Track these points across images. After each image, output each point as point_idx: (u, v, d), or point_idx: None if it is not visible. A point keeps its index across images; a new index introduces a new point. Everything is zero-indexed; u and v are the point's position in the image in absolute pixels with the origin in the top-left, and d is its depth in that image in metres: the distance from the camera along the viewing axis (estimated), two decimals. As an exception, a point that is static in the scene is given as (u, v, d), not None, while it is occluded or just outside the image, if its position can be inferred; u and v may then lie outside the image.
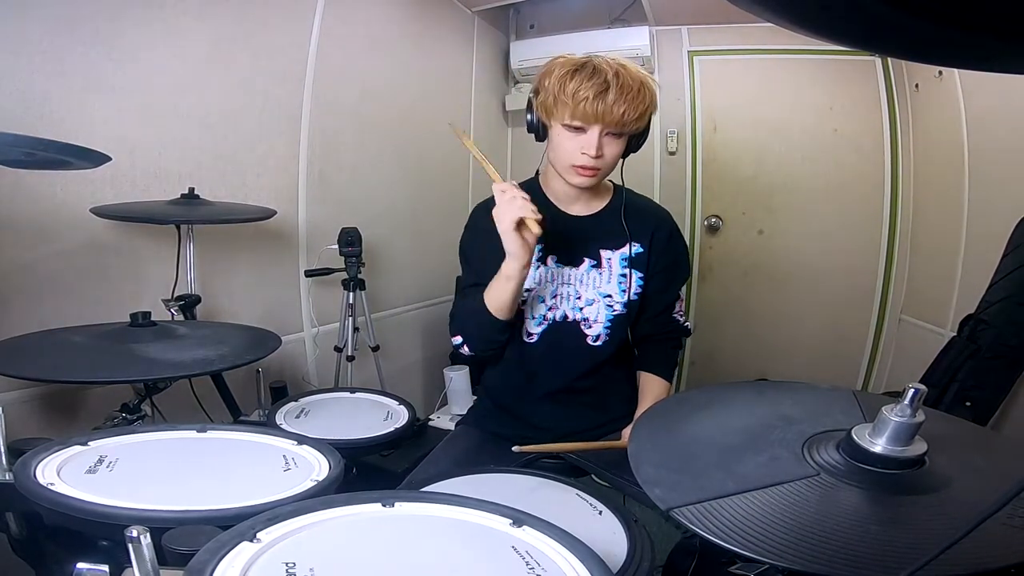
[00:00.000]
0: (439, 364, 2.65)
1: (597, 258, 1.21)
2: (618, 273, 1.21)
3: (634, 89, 1.08)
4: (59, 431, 1.35)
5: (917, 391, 0.61)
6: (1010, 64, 0.46)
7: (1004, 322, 1.69)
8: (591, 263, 1.21)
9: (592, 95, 1.06)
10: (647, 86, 1.10)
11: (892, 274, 2.74)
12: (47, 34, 1.33)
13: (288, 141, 1.98)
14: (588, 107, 1.07)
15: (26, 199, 1.33)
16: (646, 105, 1.10)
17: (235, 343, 1.13)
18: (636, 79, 1.09)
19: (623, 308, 1.20)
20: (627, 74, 1.08)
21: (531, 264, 1.09)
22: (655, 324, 1.26)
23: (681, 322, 1.29)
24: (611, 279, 1.21)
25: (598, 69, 1.08)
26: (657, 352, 1.27)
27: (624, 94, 1.07)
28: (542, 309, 1.21)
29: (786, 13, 0.40)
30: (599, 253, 1.21)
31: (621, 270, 1.21)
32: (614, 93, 1.06)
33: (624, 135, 1.13)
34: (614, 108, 1.07)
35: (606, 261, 1.21)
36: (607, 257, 1.21)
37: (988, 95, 2.02)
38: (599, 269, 1.21)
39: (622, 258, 1.21)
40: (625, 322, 1.22)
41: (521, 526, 0.67)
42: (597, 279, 1.21)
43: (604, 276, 1.21)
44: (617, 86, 1.07)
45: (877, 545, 0.54)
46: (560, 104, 1.09)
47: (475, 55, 2.90)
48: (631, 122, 1.09)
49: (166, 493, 0.71)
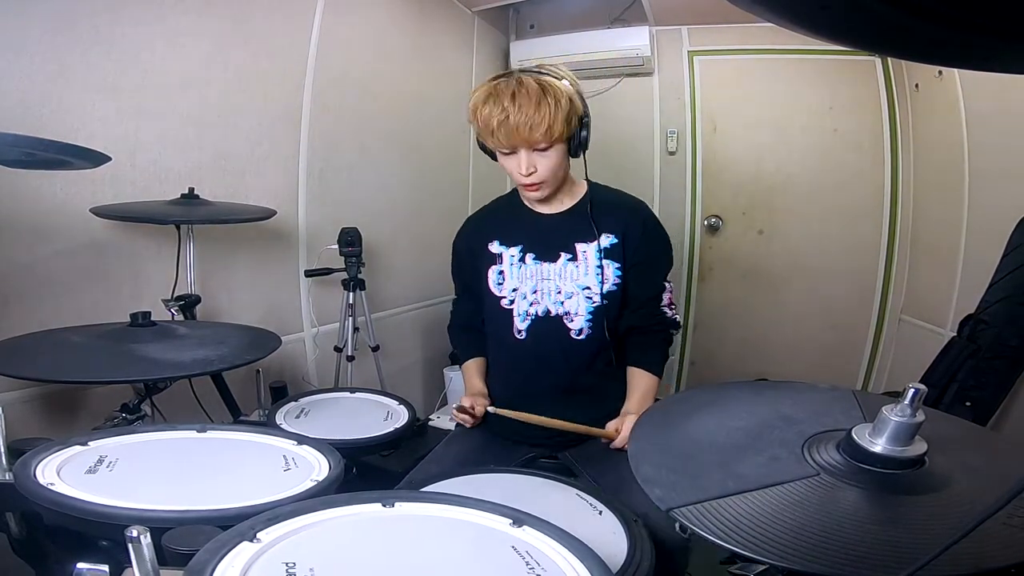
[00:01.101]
0: (439, 364, 2.65)
1: (573, 252, 1.24)
2: (595, 265, 1.22)
3: (532, 104, 1.10)
4: (59, 431, 1.35)
5: (917, 391, 0.61)
6: (1011, 64, 0.46)
7: (1004, 322, 1.69)
8: (567, 257, 1.24)
9: (496, 124, 1.12)
10: (549, 93, 1.11)
11: (892, 274, 2.74)
12: (47, 34, 1.33)
13: (288, 141, 1.98)
14: (499, 134, 1.13)
15: (26, 199, 1.33)
16: (551, 113, 1.11)
17: (235, 343, 1.13)
18: (533, 93, 1.10)
19: (602, 299, 1.22)
20: (522, 93, 1.10)
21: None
22: (640, 317, 1.26)
23: (669, 315, 1.28)
24: (588, 271, 1.23)
25: (498, 96, 1.12)
26: (644, 345, 1.27)
27: (523, 113, 1.10)
28: (524, 305, 1.25)
29: (786, 13, 0.40)
30: (575, 247, 1.24)
31: (597, 261, 1.22)
32: (514, 116, 1.10)
33: (553, 145, 1.15)
34: (519, 130, 1.11)
35: (582, 254, 1.23)
36: (583, 250, 1.23)
37: (988, 95, 2.02)
38: (575, 262, 1.23)
39: (597, 249, 1.23)
40: (604, 313, 1.22)
41: (521, 526, 0.67)
42: (575, 272, 1.23)
43: (581, 269, 1.23)
44: (515, 108, 1.10)
45: (877, 545, 0.54)
46: (484, 134, 1.17)
47: (475, 55, 2.90)
48: (543, 136, 1.12)
49: (166, 493, 0.71)
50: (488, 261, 1.28)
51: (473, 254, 1.32)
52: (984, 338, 1.73)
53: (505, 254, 1.27)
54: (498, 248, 1.28)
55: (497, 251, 1.28)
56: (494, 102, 1.12)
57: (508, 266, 1.27)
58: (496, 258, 1.28)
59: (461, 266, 1.38)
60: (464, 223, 1.39)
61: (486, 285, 1.28)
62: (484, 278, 1.29)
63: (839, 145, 2.77)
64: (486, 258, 1.29)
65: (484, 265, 1.29)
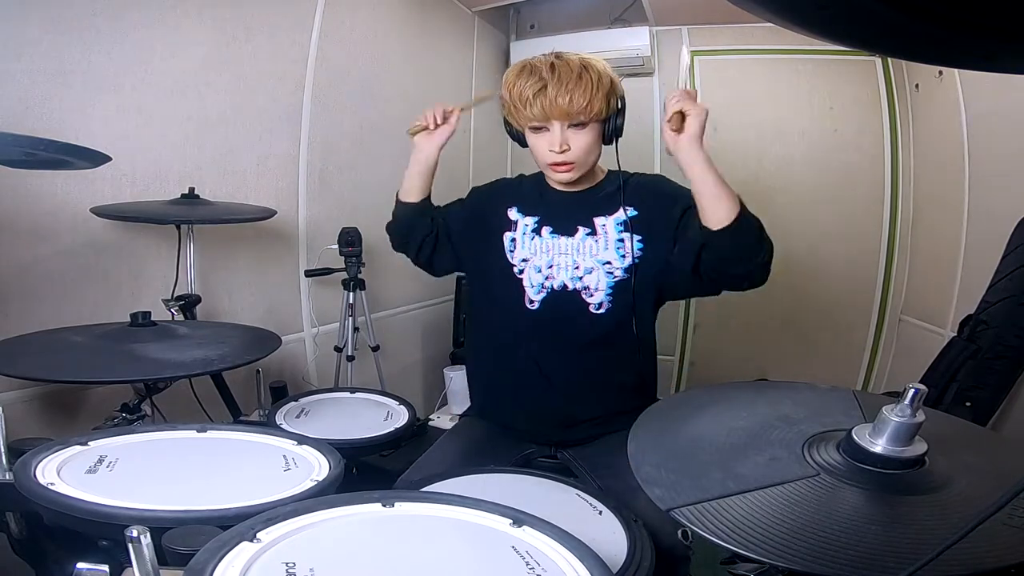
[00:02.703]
0: (439, 364, 2.65)
1: (591, 226, 1.21)
2: (615, 239, 1.19)
3: (573, 76, 1.08)
4: (59, 431, 1.35)
5: (917, 391, 0.61)
6: (1011, 64, 0.46)
7: (1004, 322, 1.69)
8: (586, 231, 1.20)
9: (532, 94, 1.10)
10: (591, 69, 1.10)
11: (892, 274, 2.74)
12: (47, 34, 1.33)
13: (288, 141, 1.98)
14: (533, 106, 1.11)
15: (26, 199, 1.33)
16: (593, 87, 1.09)
17: (235, 343, 1.13)
18: (575, 67, 1.09)
19: (624, 273, 1.18)
20: (562, 65, 1.09)
21: (429, 158, 1.26)
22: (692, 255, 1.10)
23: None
24: (608, 245, 1.19)
25: (535, 68, 1.11)
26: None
27: (563, 84, 1.08)
28: (539, 278, 1.21)
29: (786, 13, 0.40)
30: (593, 221, 1.21)
31: (618, 235, 1.19)
32: (553, 86, 1.08)
33: (589, 123, 1.13)
34: (558, 100, 1.09)
35: (601, 228, 1.20)
36: (602, 224, 1.20)
37: (988, 95, 2.02)
38: (595, 236, 1.20)
39: (617, 222, 1.19)
40: (628, 287, 1.18)
41: (521, 526, 0.67)
42: (594, 247, 1.20)
43: (601, 243, 1.20)
44: (554, 79, 1.08)
45: (877, 545, 0.54)
46: (516, 109, 1.15)
47: (475, 55, 2.90)
48: (582, 109, 1.10)
49: (166, 493, 0.71)
50: (504, 226, 1.25)
51: (492, 210, 1.28)
52: (984, 338, 1.73)
53: (520, 222, 1.25)
54: (516, 215, 1.25)
55: (515, 218, 1.25)
56: (531, 72, 1.11)
57: (521, 235, 1.24)
58: (512, 224, 1.25)
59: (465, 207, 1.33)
60: (493, 182, 1.38)
61: (499, 251, 1.25)
62: (498, 244, 1.25)
63: (839, 145, 2.77)
64: (503, 222, 1.26)
65: (499, 229, 1.25)
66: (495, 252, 1.25)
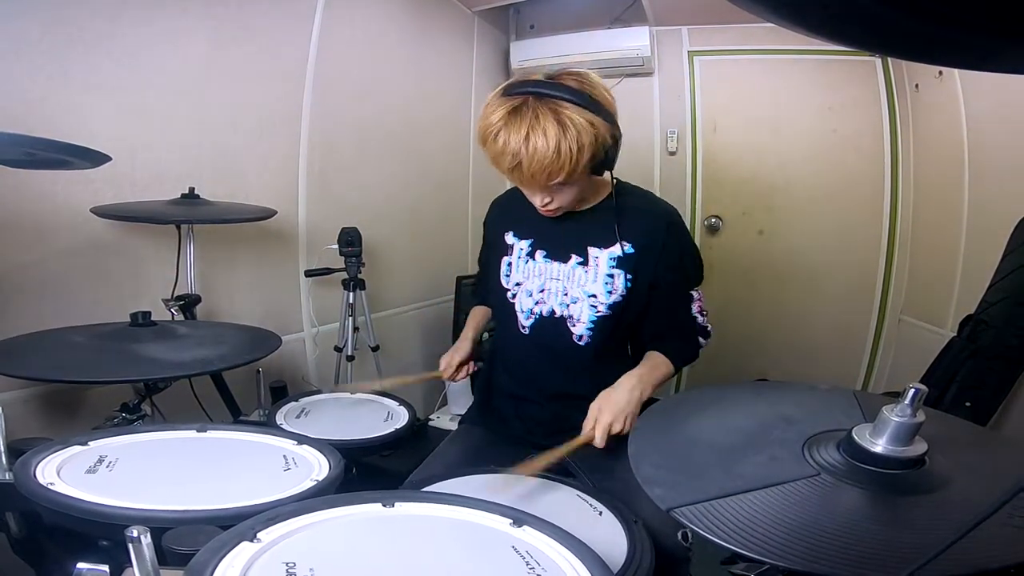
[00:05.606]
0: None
1: (584, 256, 1.19)
2: (604, 273, 1.17)
3: (550, 150, 0.98)
4: (59, 431, 1.35)
5: (917, 391, 0.61)
6: (1010, 64, 0.46)
7: (1004, 322, 1.69)
8: (578, 260, 1.19)
9: (507, 168, 1.03)
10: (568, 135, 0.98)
11: (892, 274, 2.74)
12: (47, 34, 1.33)
13: (288, 141, 1.98)
14: (511, 175, 1.05)
15: (26, 199, 1.33)
16: (573, 159, 1.00)
17: (235, 343, 1.13)
18: (552, 138, 0.97)
19: (607, 309, 1.17)
20: (539, 132, 0.98)
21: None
22: (663, 326, 1.22)
23: (700, 321, 1.24)
24: (597, 278, 1.17)
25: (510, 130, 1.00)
26: (668, 343, 1.22)
27: (537, 162, 0.99)
28: (530, 303, 1.22)
29: (785, 13, 0.40)
30: (587, 251, 1.19)
31: (608, 270, 1.17)
32: (527, 164, 1.00)
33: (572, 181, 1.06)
34: (535, 177, 1.02)
35: (593, 260, 1.18)
36: (595, 255, 1.18)
37: (988, 95, 2.02)
38: (585, 267, 1.18)
39: (611, 257, 1.17)
40: (610, 324, 1.18)
41: (521, 526, 0.67)
42: (583, 277, 1.18)
43: (590, 275, 1.18)
44: (528, 153, 0.99)
45: (877, 545, 0.54)
46: (493, 164, 1.08)
47: (475, 55, 2.90)
48: (562, 180, 1.03)
49: (166, 493, 0.71)
50: (501, 251, 1.27)
51: (494, 238, 1.31)
52: (984, 338, 1.73)
53: (516, 246, 1.25)
54: (512, 239, 1.26)
55: (511, 242, 1.26)
56: (504, 141, 1.00)
57: (516, 259, 1.24)
58: (508, 249, 1.26)
59: (486, 248, 1.38)
60: (490, 206, 1.38)
61: (497, 274, 1.27)
62: (496, 267, 1.28)
63: (839, 145, 2.77)
64: (503, 247, 1.27)
65: (499, 253, 1.28)
66: (494, 277, 1.28)
